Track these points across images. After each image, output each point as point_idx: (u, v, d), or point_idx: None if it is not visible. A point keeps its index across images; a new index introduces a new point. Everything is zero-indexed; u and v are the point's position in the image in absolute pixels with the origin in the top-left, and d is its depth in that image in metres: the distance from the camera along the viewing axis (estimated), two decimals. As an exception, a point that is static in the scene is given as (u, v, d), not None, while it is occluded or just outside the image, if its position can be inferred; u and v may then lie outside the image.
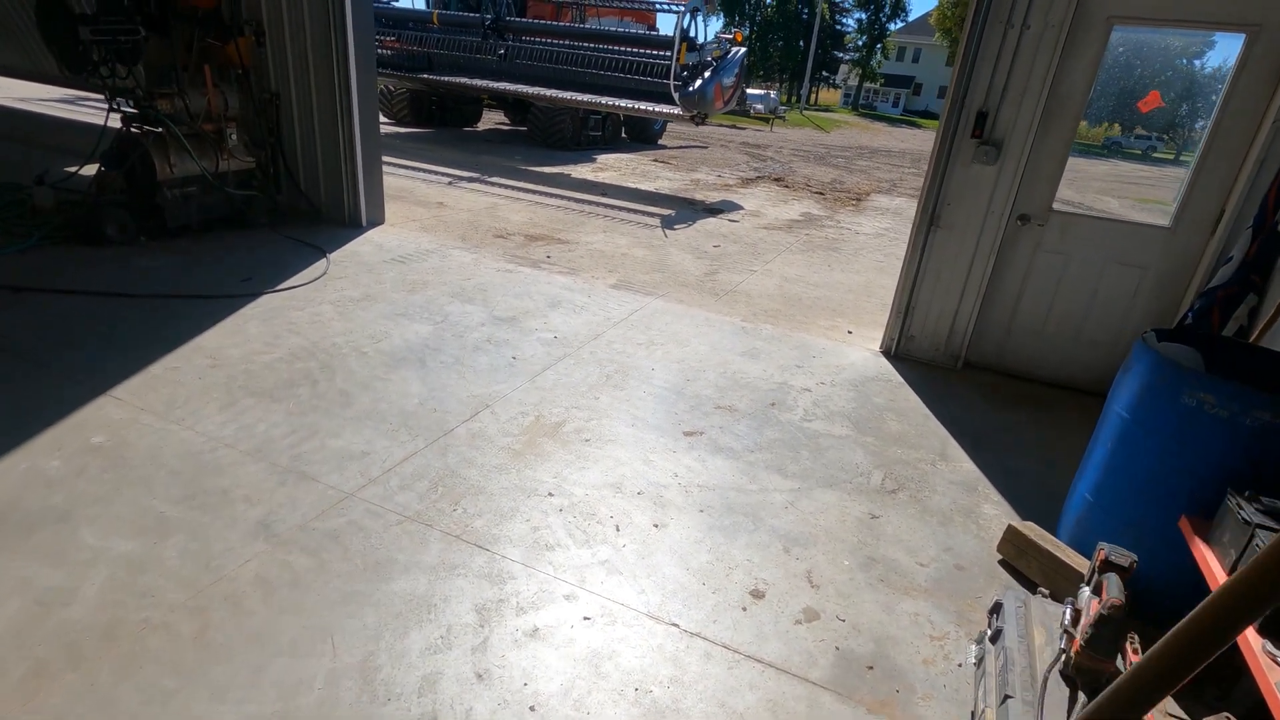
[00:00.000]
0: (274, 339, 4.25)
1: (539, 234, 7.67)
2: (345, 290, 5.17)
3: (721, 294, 6.22)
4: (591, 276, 6.22)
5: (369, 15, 6.48)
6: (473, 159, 12.71)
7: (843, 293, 6.75)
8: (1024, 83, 4.17)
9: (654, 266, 6.88)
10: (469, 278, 5.77)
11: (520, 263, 6.40)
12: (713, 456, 3.46)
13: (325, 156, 6.83)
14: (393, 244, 6.50)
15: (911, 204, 14.01)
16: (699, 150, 19.69)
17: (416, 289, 5.37)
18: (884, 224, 11.09)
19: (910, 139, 38.79)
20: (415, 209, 8.17)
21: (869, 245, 9.24)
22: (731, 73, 10.87)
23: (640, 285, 6.15)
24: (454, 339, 4.53)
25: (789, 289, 6.64)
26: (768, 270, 7.27)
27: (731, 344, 4.96)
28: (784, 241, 8.83)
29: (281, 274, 5.38)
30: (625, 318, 5.24)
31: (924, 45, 66.33)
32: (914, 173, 21.19)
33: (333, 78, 6.42)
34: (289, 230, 6.50)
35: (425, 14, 13.63)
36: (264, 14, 6.57)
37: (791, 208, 11.66)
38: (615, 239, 7.89)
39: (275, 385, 3.70)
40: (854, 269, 7.81)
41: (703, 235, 8.63)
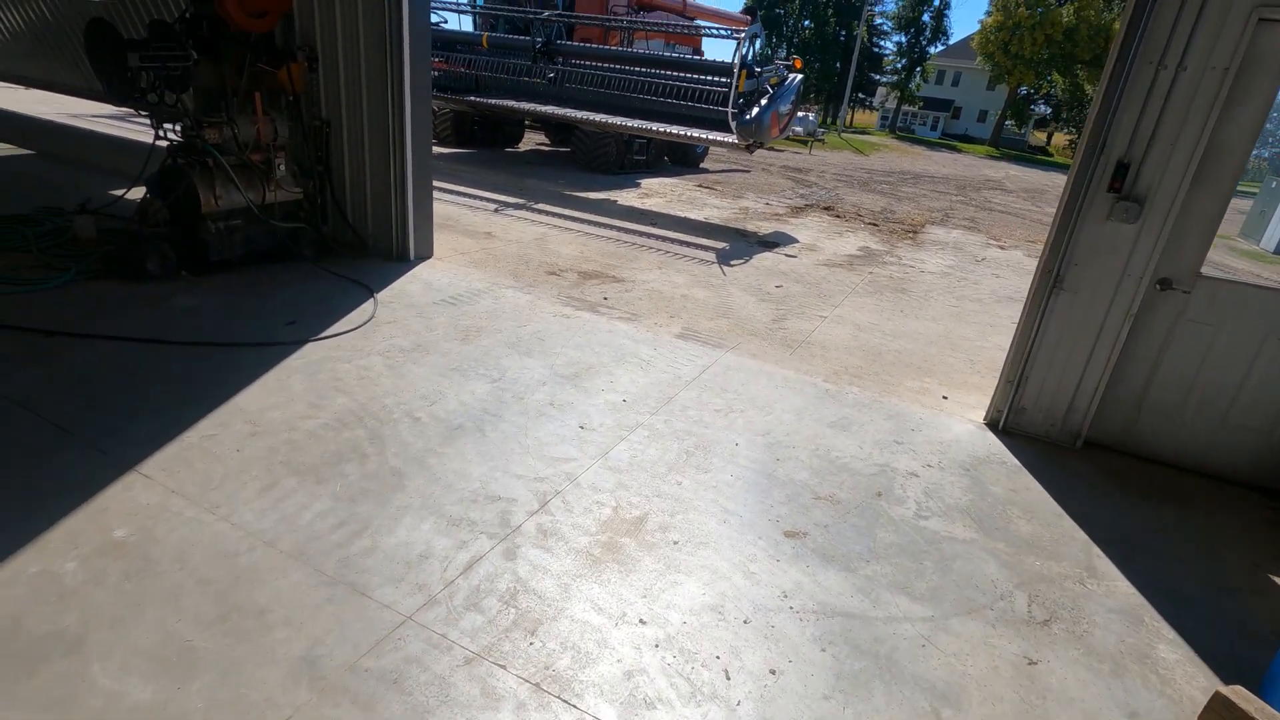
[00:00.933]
0: (319, 399, 3.84)
1: (592, 270, 7.25)
2: (394, 338, 4.78)
3: (794, 345, 5.71)
4: (654, 323, 5.77)
5: (426, 41, 6.17)
6: (517, 182, 12.42)
7: (923, 345, 6.19)
8: (1176, 131, 3.63)
9: (717, 311, 6.40)
10: (525, 324, 5.35)
11: (577, 306, 5.97)
12: (823, 568, 2.94)
13: (375, 188, 6.50)
14: (442, 282, 6.13)
15: (969, 237, 13.39)
16: (742, 174, 19.28)
17: (470, 337, 4.96)
18: (947, 260, 10.50)
19: (952, 164, 38.01)
20: (463, 240, 7.82)
21: (937, 286, 8.67)
22: (788, 100, 10.43)
23: (707, 334, 5.68)
24: (514, 401, 4.09)
25: (865, 340, 6.11)
26: (838, 316, 6.75)
27: (818, 411, 4.44)
28: (848, 281, 8.30)
29: (327, 317, 5.01)
30: (697, 376, 4.76)
31: (964, 69, 65.51)
32: (961, 200, 20.54)
33: (386, 106, 6.10)
34: (335, 265, 6.16)
35: (475, 36, 13.46)
36: (318, 38, 6.29)
37: (848, 241, 11.13)
38: (672, 276, 7.44)
39: (321, 460, 3.28)
40: (928, 315, 7.25)
41: (762, 273, 8.14)
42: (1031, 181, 33.10)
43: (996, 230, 15.18)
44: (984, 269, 10.21)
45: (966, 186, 25.87)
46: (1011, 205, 21.46)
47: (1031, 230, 15.91)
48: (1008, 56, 50.87)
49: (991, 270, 10.23)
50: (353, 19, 6.03)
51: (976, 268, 10.21)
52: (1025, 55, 49.96)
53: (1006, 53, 50.69)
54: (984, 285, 9.09)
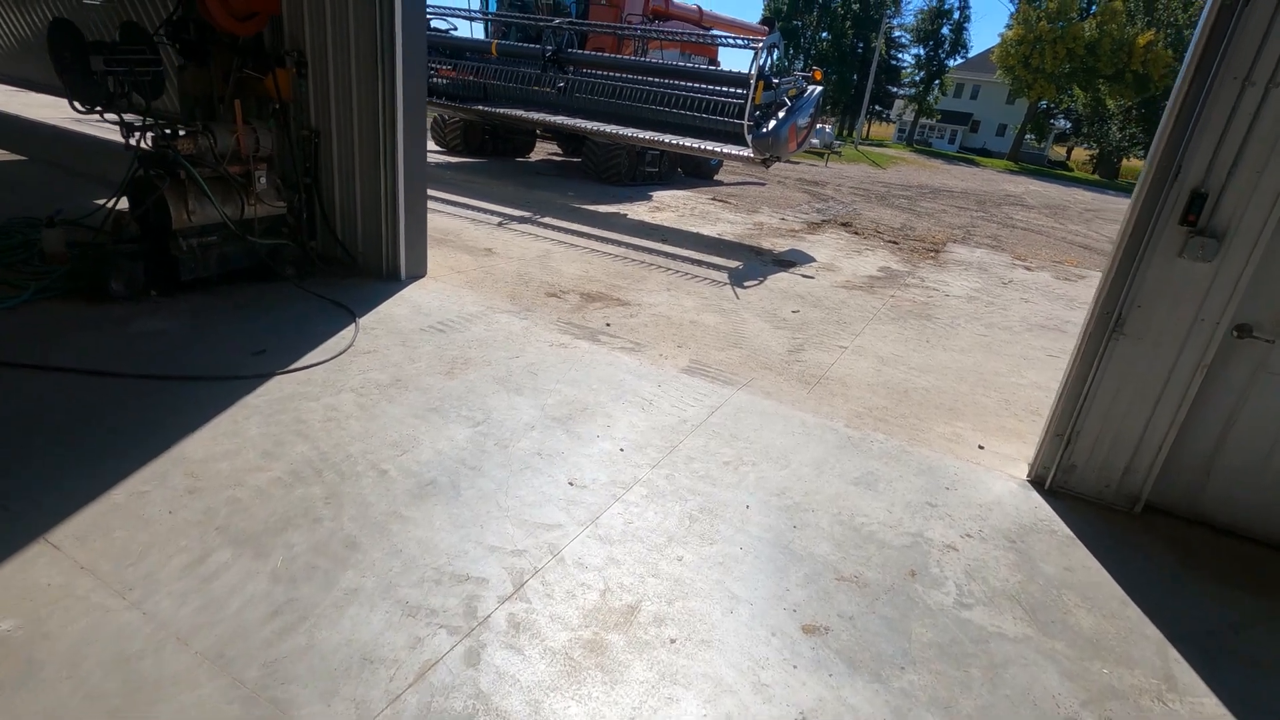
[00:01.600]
0: (276, 446, 3.41)
1: (596, 292, 6.80)
2: (372, 371, 4.34)
3: (812, 381, 5.22)
4: (659, 355, 5.30)
5: (421, 49, 5.77)
6: (525, 194, 12.03)
7: (953, 381, 5.68)
8: (1264, 156, 3.13)
9: (729, 339, 5.93)
10: (517, 354, 4.90)
11: (576, 333, 5.51)
12: (849, 678, 2.45)
13: (365, 203, 6.10)
14: (433, 304, 5.70)
15: (993, 256, 12.84)
16: (757, 187, 18.84)
17: (456, 370, 4.52)
18: (972, 283, 9.97)
19: (970, 178, 37.39)
20: (461, 257, 7.40)
21: (964, 312, 8.14)
22: (806, 113, 9.98)
23: (717, 368, 5.20)
24: (497, 450, 3.63)
25: (889, 375, 5.61)
26: (859, 347, 6.25)
27: (840, 464, 3.95)
28: (868, 306, 7.80)
29: (301, 344, 4.58)
30: (704, 419, 4.29)
31: (983, 82, 64.85)
32: (983, 217, 19.99)
33: (377, 116, 5.70)
34: (319, 285, 5.75)
35: (484, 44, 13.13)
36: (307, 43, 5.92)
37: (867, 260, 10.63)
38: (681, 299, 6.98)
39: (265, 525, 2.83)
40: (956, 345, 6.73)
41: (777, 295, 7.66)
42: (1052, 197, 32.42)
43: (1021, 249, 14.61)
44: (1011, 293, 9.67)
45: (987, 202, 25.29)
46: (1034, 222, 20.86)
47: (1057, 249, 15.33)
48: (1028, 70, 50.20)
49: (1019, 294, 9.69)
50: (343, 24, 5.64)
51: (1004, 291, 9.67)
52: (1046, 69, 49.27)
53: (1027, 66, 50.03)
54: (1013, 311, 8.56)
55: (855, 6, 58.79)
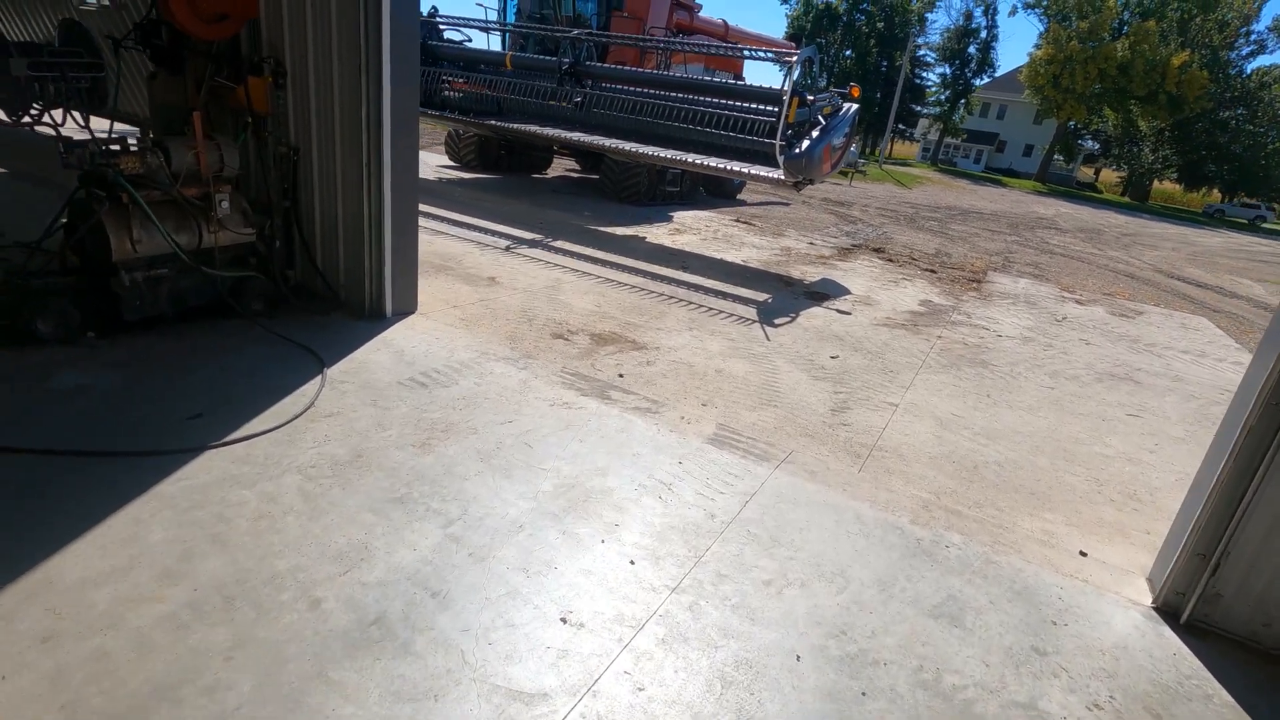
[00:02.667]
0: (182, 561, 2.62)
1: (608, 332, 6.00)
2: (330, 443, 3.55)
3: (863, 453, 4.36)
4: (680, 417, 4.47)
5: (413, 55, 5.04)
6: (537, 214, 11.31)
7: (1028, 451, 4.79)
8: None
9: (761, 395, 5.09)
10: (511, 418, 4.09)
11: (583, 388, 4.70)
12: None
13: (348, 230, 5.36)
14: (419, 349, 4.92)
15: (1038, 288, 11.90)
16: (782, 208, 18.06)
17: (434, 440, 3.72)
18: (1023, 320, 9.06)
19: (999, 199, 36.38)
20: (460, 288, 6.64)
21: (1022, 357, 7.24)
22: (842, 132, 9.17)
23: (749, 435, 4.36)
24: (471, 564, 2.81)
25: (952, 443, 4.73)
26: (912, 404, 5.38)
27: (912, 582, 3.09)
28: (915, 349, 6.92)
29: (251, 403, 3.81)
30: (737, 513, 3.44)
31: (1010, 101, 63.83)
32: (1018, 241, 19.05)
33: (361, 134, 4.97)
34: (290, 324, 5.00)
35: (499, 56, 12.51)
36: (286, 50, 5.22)
37: (905, 292, 9.75)
38: (705, 340, 6.16)
39: (130, 706, 2.03)
40: (1021, 401, 5.83)
41: (813, 336, 6.81)
42: (1085, 220, 31.31)
43: (1066, 279, 13.65)
44: (1068, 332, 8.74)
45: (1019, 225, 24.32)
46: (1071, 248, 19.86)
47: (1103, 279, 14.35)
48: (1058, 90, 49.13)
49: (1077, 333, 8.76)
50: (325, 29, 4.94)
51: (1059, 330, 8.75)
52: (1076, 89, 48.17)
53: (1056, 86, 48.97)
54: (1075, 356, 7.63)
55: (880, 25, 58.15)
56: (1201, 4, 48.30)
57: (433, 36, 12.84)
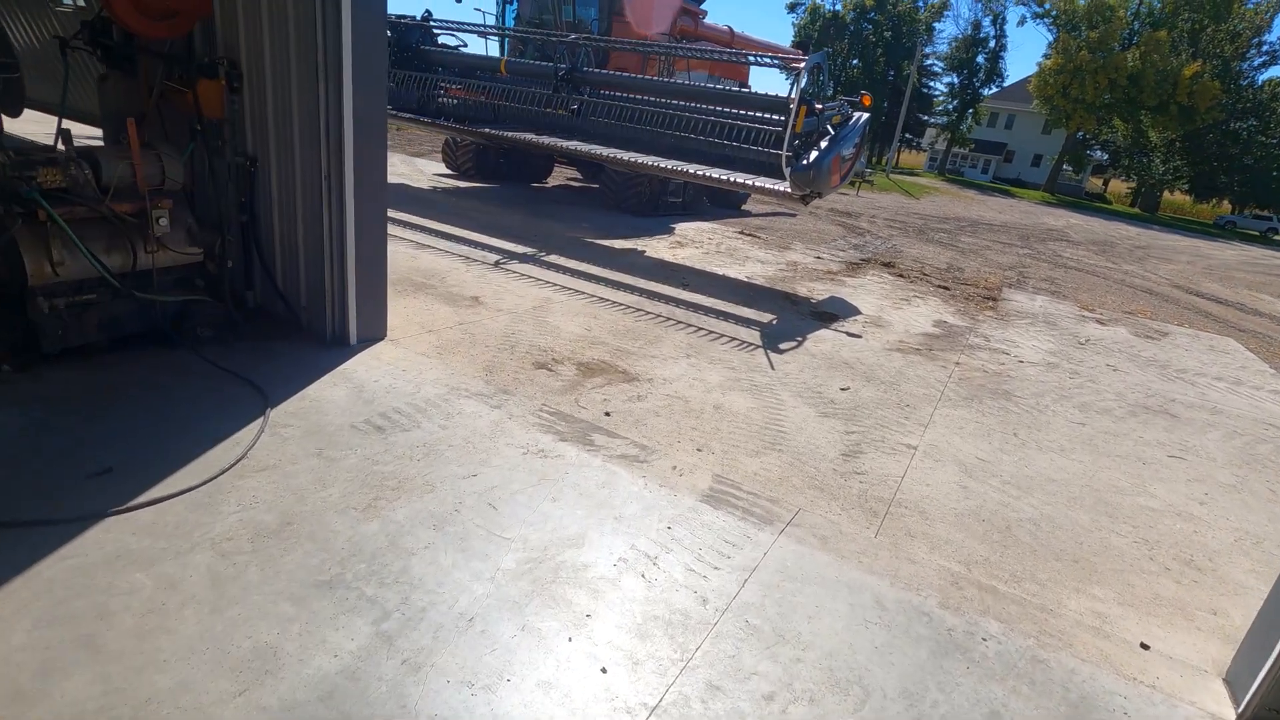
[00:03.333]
0: (37, 679, 2.09)
1: (597, 361, 5.47)
2: (256, 506, 3.03)
3: (879, 510, 3.82)
4: (671, 467, 3.93)
5: (380, 56, 4.55)
6: (533, 225, 10.82)
7: (1065, 506, 4.24)
8: None
9: (764, 437, 4.55)
10: (475, 470, 3.56)
11: (563, 430, 4.17)
12: None
13: (308, 248, 4.86)
14: (381, 384, 4.40)
15: (1056, 305, 11.36)
16: (787, 219, 17.58)
17: (381, 501, 3.19)
18: (1044, 343, 8.51)
19: (1008, 210, 35.86)
20: (438, 309, 6.13)
21: (1047, 387, 6.68)
22: (852, 142, 8.64)
23: (750, 489, 3.82)
24: (404, 679, 2.28)
25: (980, 496, 4.19)
26: (932, 445, 4.84)
27: (946, 693, 2.54)
28: (932, 378, 6.38)
29: (174, 453, 3.30)
30: (733, 596, 2.90)
31: (1018, 111, 63.33)
32: (1030, 255, 18.53)
33: (319, 143, 4.47)
34: (238, 355, 4.48)
35: (493, 61, 12.05)
36: (243, 50, 4.73)
37: (918, 311, 9.22)
38: (703, 370, 5.63)
39: None
40: (1052, 441, 5.29)
41: (821, 364, 6.28)
42: (1096, 232, 30.76)
43: (1084, 296, 13.10)
44: (1093, 356, 8.19)
45: (1030, 237, 23.79)
46: (1085, 261, 19.33)
47: (1122, 296, 13.79)
48: (1067, 100, 48.59)
49: (1102, 358, 8.21)
50: (281, 26, 4.45)
51: (1083, 355, 8.19)
52: (1086, 99, 47.62)
53: (1066, 96, 48.43)
54: (1104, 385, 7.08)
55: (887, 34, 57.76)
56: (1213, 14, 47.78)
57: (427, 41, 12.40)
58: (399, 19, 12.03)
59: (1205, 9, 47.88)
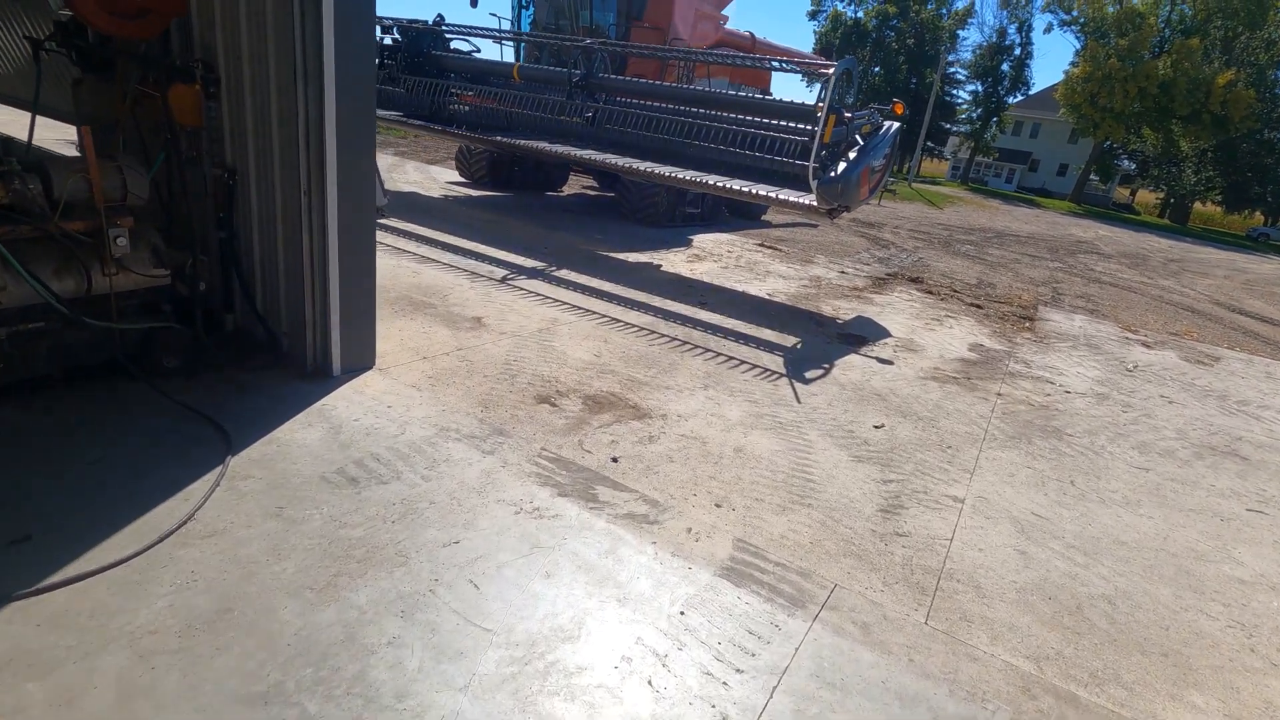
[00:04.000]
0: None
1: (606, 394, 4.97)
2: (193, 585, 2.56)
3: (927, 585, 3.28)
4: (686, 530, 3.41)
5: (368, 60, 4.10)
6: (544, 237, 10.39)
7: (1141, 577, 3.67)
8: None
9: (791, 487, 4.02)
10: (459, 536, 3.07)
11: (562, 483, 3.67)
12: None
13: (289, 268, 4.43)
14: (362, 424, 3.93)
15: (1096, 326, 10.69)
16: (809, 230, 17.02)
17: (343, 579, 2.71)
18: (1089, 369, 7.88)
19: (1034, 220, 34.94)
20: (436, 332, 5.67)
21: (1101, 423, 6.08)
22: (882, 153, 8.10)
23: (776, 560, 3.30)
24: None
25: (1042, 564, 3.62)
26: (981, 497, 4.28)
27: None
28: (972, 412, 5.81)
29: (108, 514, 2.84)
30: (760, 712, 2.38)
31: (1044, 120, 62.26)
32: (1062, 269, 17.78)
33: (297, 152, 4.03)
34: (207, 388, 4.04)
35: (506, 67, 11.66)
36: (220, 53, 4.32)
37: (951, 333, 8.63)
38: (722, 404, 5.11)
39: None
40: (1114, 491, 4.70)
41: (851, 395, 5.73)
42: (1126, 244, 29.80)
43: (1123, 314, 12.41)
44: (1144, 385, 7.56)
45: (1059, 249, 22.99)
46: (1119, 276, 18.54)
47: (1163, 314, 13.07)
48: (1095, 109, 47.51)
49: (1154, 387, 7.58)
50: (259, 26, 4.02)
51: (1134, 384, 7.56)
52: (1115, 108, 46.52)
53: (1094, 104, 47.36)
54: (1162, 420, 6.46)
55: (910, 41, 57.01)
56: (1248, 21, 46.52)
57: (439, 46, 12.04)
58: (410, 23, 11.67)
59: (1239, 16, 46.65)
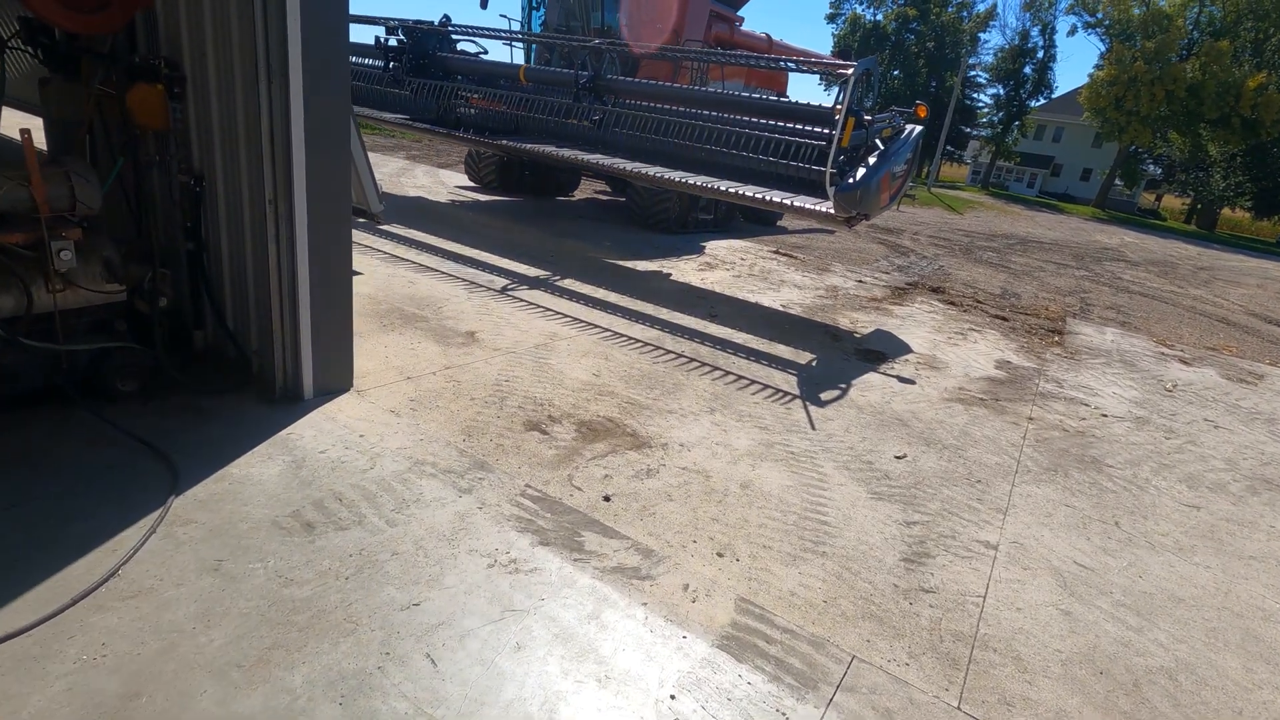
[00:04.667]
0: None
1: (603, 419, 4.58)
2: (98, 666, 2.19)
3: (959, 657, 2.85)
4: (682, 588, 3.01)
5: (341, 59, 3.75)
6: (550, 244, 10.03)
7: (1204, 643, 3.21)
8: None
9: (803, 532, 3.60)
10: (420, 596, 2.69)
11: (545, 529, 3.28)
12: None
13: (258, 284, 4.08)
14: (328, 456, 3.57)
15: (1129, 340, 10.14)
16: (825, 236, 16.53)
17: (277, 653, 2.33)
18: (1125, 389, 7.37)
19: (1058, 226, 34.10)
20: (425, 348, 5.31)
21: (1143, 451, 5.59)
22: (904, 158, 7.66)
23: (784, 626, 2.88)
24: None
25: (1090, 627, 3.18)
26: (1016, 543, 3.83)
27: None
28: (1002, 439, 5.35)
29: (19, 568, 2.49)
30: (761, 835, 1.98)
31: (1067, 124, 61.15)
32: (1088, 277, 17.16)
33: (261, 157, 3.69)
34: (159, 416, 3.70)
35: (512, 69, 11.34)
36: (185, 51, 3.99)
37: (976, 348, 8.14)
38: (729, 431, 4.70)
39: None
40: (1164, 533, 4.23)
41: (870, 420, 5.30)
42: (1153, 251, 28.94)
43: (1155, 326, 11.83)
44: (1186, 408, 7.04)
45: (1085, 257, 22.30)
46: (1148, 285, 17.86)
47: (1197, 327, 12.45)
48: (1120, 112, 46.46)
49: (1197, 409, 7.05)
50: (223, 18, 3.69)
51: (1175, 406, 7.05)
52: (1141, 111, 45.46)
53: (1119, 108, 46.32)
54: (1209, 448, 5.95)
55: (930, 44, 56.20)
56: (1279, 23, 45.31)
57: (445, 48, 11.75)
58: (416, 24, 11.39)
59: (1271, 17, 45.45)
